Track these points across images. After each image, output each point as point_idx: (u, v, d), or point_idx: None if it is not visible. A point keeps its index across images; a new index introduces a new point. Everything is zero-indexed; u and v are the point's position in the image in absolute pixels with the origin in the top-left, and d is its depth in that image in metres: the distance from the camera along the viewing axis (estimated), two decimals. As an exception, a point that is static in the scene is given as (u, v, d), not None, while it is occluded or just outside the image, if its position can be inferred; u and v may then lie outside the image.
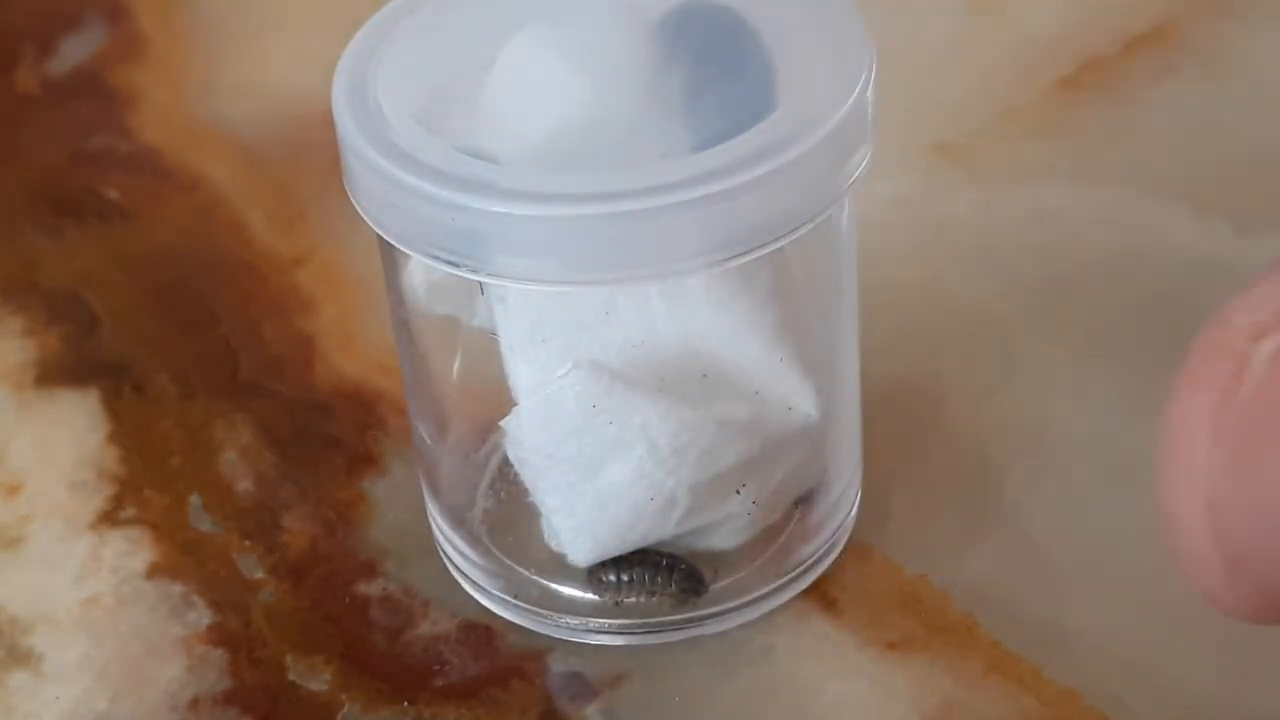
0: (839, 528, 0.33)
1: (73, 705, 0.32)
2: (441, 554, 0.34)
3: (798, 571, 0.33)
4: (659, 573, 0.32)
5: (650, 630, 0.32)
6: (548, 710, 0.31)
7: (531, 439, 0.31)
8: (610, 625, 0.32)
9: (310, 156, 0.44)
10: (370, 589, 0.34)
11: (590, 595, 0.32)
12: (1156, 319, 0.37)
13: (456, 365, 0.33)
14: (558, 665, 0.32)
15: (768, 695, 0.31)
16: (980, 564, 0.33)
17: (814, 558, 0.33)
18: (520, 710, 0.31)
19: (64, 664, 0.33)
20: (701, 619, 0.32)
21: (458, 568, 0.34)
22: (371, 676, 0.32)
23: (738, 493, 0.31)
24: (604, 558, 0.32)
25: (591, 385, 0.30)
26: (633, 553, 0.32)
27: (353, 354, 0.39)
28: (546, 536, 0.32)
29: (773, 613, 0.32)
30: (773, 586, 0.32)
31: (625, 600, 0.32)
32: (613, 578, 0.32)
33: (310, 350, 0.39)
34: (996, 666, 0.31)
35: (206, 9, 0.51)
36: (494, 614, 0.33)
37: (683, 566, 0.32)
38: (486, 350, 0.31)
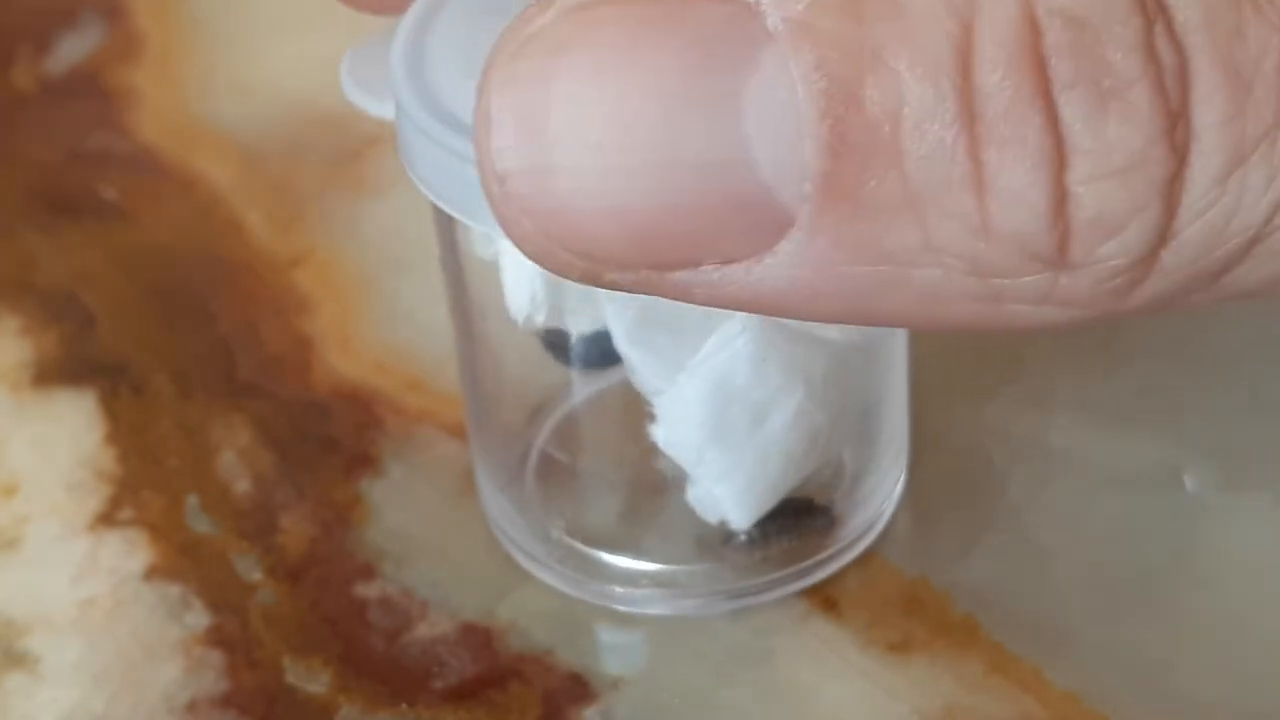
0: (883, 503, 0.33)
1: (70, 707, 0.32)
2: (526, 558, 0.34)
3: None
4: (801, 515, 0.31)
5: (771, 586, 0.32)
6: (547, 712, 0.31)
7: (694, 414, 0.30)
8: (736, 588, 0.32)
9: (308, 156, 0.44)
10: (368, 591, 0.34)
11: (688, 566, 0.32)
12: (1160, 320, 0.37)
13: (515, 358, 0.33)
14: (557, 667, 0.32)
15: (768, 697, 0.31)
16: (982, 565, 0.33)
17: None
18: (519, 712, 0.31)
19: (61, 666, 0.33)
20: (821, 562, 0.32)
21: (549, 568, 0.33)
22: (370, 679, 0.32)
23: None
24: (762, 514, 0.31)
25: (762, 338, 0.29)
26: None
27: (351, 355, 0.39)
28: (700, 511, 0.32)
29: (773, 613, 0.32)
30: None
31: (771, 553, 0.31)
32: (758, 531, 0.31)
33: (308, 351, 0.39)
34: (998, 668, 0.31)
35: (205, 8, 0.50)
36: (494, 616, 0.33)
37: (812, 502, 0.32)
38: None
